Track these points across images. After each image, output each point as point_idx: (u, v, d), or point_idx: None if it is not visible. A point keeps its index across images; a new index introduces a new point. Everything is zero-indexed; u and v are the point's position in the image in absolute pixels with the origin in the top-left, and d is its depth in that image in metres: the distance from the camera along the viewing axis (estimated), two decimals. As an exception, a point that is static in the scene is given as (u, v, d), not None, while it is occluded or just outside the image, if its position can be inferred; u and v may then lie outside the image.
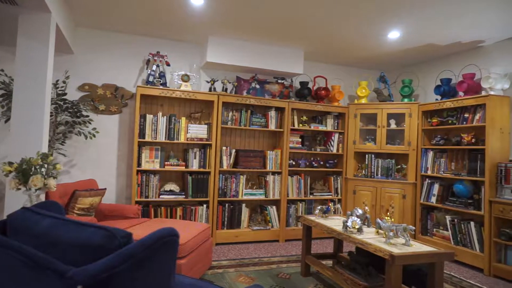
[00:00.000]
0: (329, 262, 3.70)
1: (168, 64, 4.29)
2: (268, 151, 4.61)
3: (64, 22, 3.49)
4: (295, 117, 4.75)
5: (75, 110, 3.85)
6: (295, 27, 3.86)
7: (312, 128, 4.84)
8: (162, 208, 4.16)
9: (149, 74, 4.15)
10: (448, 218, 4.09)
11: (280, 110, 4.70)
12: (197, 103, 4.56)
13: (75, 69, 4.14)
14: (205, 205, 4.28)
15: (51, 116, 3.74)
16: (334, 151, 4.93)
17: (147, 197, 4.06)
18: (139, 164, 4.05)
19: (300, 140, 4.81)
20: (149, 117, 4.11)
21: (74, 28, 4.08)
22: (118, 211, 3.58)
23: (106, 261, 1.01)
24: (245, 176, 4.53)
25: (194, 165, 4.28)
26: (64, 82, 3.90)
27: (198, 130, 4.30)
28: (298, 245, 4.44)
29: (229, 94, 4.36)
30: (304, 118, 4.85)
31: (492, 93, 3.78)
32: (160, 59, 4.26)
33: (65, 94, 3.80)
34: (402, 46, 4.36)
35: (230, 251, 4.05)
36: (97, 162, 4.21)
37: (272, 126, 4.64)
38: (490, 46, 4.13)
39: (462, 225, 3.94)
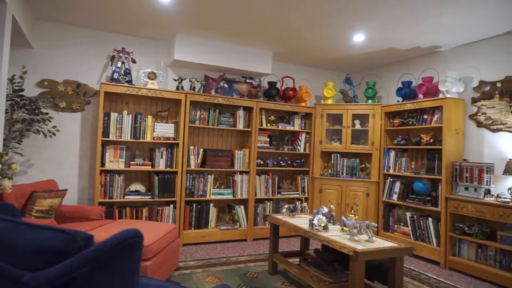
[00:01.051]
0: (296, 260, 3.76)
1: (134, 61, 4.18)
2: (236, 151, 4.61)
3: (21, 14, 3.31)
4: (263, 117, 4.78)
5: (34, 107, 3.66)
6: (264, 27, 3.88)
7: (280, 127, 4.89)
8: (127, 209, 4.05)
9: (114, 71, 4.03)
10: (408, 214, 4.28)
11: (248, 110, 4.72)
12: (164, 102, 4.48)
13: (33, 64, 3.94)
14: (172, 205, 4.22)
15: (6, 113, 3.53)
16: (301, 150, 5.01)
17: (111, 197, 3.93)
18: (102, 164, 3.92)
19: (268, 139, 4.85)
20: (114, 115, 3.99)
21: (33, 21, 3.88)
22: (80, 212, 3.45)
23: (65, 266, 0.97)
24: (213, 175, 4.51)
25: (161, 165, 4.21)
26: (21, 77, 3.70)
27: (165, 129, 4.23)
28: (266, 244, 4.48)
29: (197, 93, 4.32)
30: (272, 117, 4.90)
31: (448, 96, 3.99)
32: (126, 55, 4.15)
33: (22, 90, 3.60)
34: (367, 49, 4.50)
35: (198, 251, 4.02)
36: (58, 162, 4.03)
37: (240, 126, 4.64)
38: (447, 51, 4.36)
39: (421, 221, 4.13)
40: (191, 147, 4.37)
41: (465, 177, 3.74)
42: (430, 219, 4.04)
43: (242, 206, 4.63)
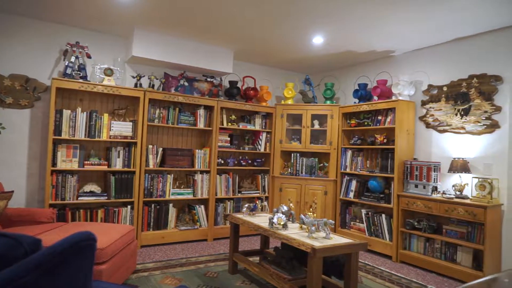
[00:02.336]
0: (257, 259, 3.79)
1: (89, 56, 4.00)
2: (197, 150, 4.56)
3: (-39, 2, 3.06)
4: (224, 116, 4.77)
5: (-25, 103, 3.39)
6: (225, 26, 3.87)
7: (240, 127, 4.91)
8: (81, 211, 3.87)
9: (67, 66, 3.83)
10: (363, 211, 4.46)
11: (209, 109, 4.68)
12: (122, 99, 4.33)
13: (-25, 57, 3.64)
14: (129, 206, 4.09)
15: None
16: (262, 150, 5.06)
17: (63, 199, 3.74)
18: (54, 164, 3.71)
19: (229, 139, 4.85)
20: (67, 112, 3.79)
21: (-26, 9, 3.60)
22: (28, 215, 3.25)
23: (9, 272, 0.91)
24: (172, 175, 4.43)
25: (118, 164, 4.06)
26: (-39, 70, 3.41)
27: (122, 128, 4.09)
28: (227, 243, 4.47)
29: (157, 91, 4.22)
30: (233, 117, 4.90)
31: (400, 98, 4.21)
32: (80, 50, 3.96)
33: (-38, 84, 3.32)
34: (326, 51, 4.63)
35: (157, 253, 3.93)
36: (3, 161, 3.77)
37: (201, 125, 4.60)
38: (400, 56, 4.59)
39: (375, 218, 4.32)
40: (150, 146, 4.26)
41: (415, 175, 3.96)
42: (383, 215, 4.24)
43: (202, 206, 4.59)
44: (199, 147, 4.82)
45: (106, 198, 3.97)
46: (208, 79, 4.79)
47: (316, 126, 5.02)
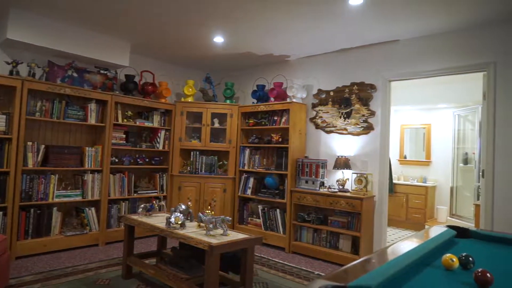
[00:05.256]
0: (153, 261, 3.66)
1: None
2: (87, 148, 4.19)
3: None
4: (119, 112, 4.48)
5: None
6: (121, 16, 3.63)
7: (137, 124, 4.67)
8: None
9: None
10: (260, 207, 4.68)
11: (102, 103, 4.34)
12: (-8, 88, 3.72)
13: None
14: (1, 212, 3.54)
15: None
16: (161, 148, 4.90)
17: None
18: None
19: (124, 136, 4.57)
20: None
21: None
22: None
23: None
24: (57, 175, 3.98)
25: (-14, 164, 3.48)
26: None
27: (-8, 121, 3.51)
28: (121, 247, 4.22)
29: (38, 81, 3.74)
30: (130, 113, 4.63)
31: (294, 100, 4.53)
32: None
33: None
34: (226, 51, 4.71)
35: (37, 263, 3.49)
36: None
37: (92, 120, 4.24)
38: (294, 61, 4.94)
39: (271, 213, 4.58)
40: (29, 143, 3.76)
41: (305, 171, 4.31)
42: (278, 210, 4.51)
43: (93, 208, 4.24)
44: (90, 145, 4.43)
45: (-30, 203, 3.37)
46: (102, 71, 4.43)
47: (216, 125, 5.08)
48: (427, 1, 2.99)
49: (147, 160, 4.82)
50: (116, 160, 4.50)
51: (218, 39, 4.21)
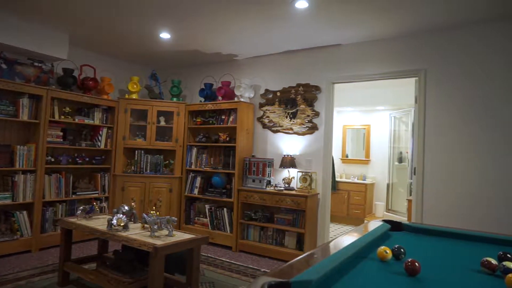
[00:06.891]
0: (94, 265, 3.47)
1: None
2: (18, 146, 3.86)
3: None
4: (56, 108, 4.19)
5: None
6: (60, 5, 3.39)
7: (77, 121, 4.40)
8: None
9: None
10: (207, 206, 4.65)
11: (36, 98, 4.02)
12: None
13: None
14: None
15: None
16: (102, 146, 4.66)
17: None
18: None
19: (61, 133, 4.27)
20: None
21: None
22: None
23: None
24: (-18, 176, 3.62)
25: None
26: None
27: None
28: (57, 252, 3.95)
29: (-41, 72, 3.37)
30: (68, 109, 4.35)
31: (242, 100, 4.56)
32: None
33: None
34: (173, 48, 4.60)
35: (-44, 274, 3.15)
36: None
37: (24, 117, 3.91)
38: (242, 61, 4.97)
39: (218, 212, 4.56)
40: None
41: (252, 170, 4.36)
42: (225, 209, 4.51)
43: (25, 212, 3.91)
44: (21, 143, 4.08)
45: None
46: (36, 64, 4.10)
47: (162, 123, 4.94)
48: (367, 10, 3.18)
49: (87, 159, 4.56)
50: (52, 160, 4.20)
51: (165, 35, 4.10)
